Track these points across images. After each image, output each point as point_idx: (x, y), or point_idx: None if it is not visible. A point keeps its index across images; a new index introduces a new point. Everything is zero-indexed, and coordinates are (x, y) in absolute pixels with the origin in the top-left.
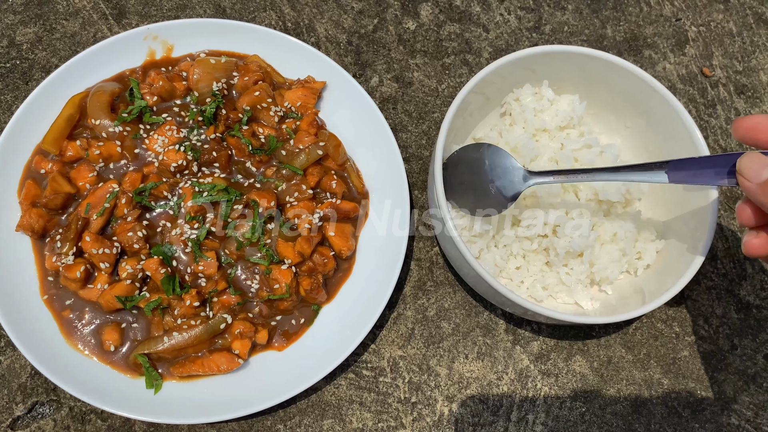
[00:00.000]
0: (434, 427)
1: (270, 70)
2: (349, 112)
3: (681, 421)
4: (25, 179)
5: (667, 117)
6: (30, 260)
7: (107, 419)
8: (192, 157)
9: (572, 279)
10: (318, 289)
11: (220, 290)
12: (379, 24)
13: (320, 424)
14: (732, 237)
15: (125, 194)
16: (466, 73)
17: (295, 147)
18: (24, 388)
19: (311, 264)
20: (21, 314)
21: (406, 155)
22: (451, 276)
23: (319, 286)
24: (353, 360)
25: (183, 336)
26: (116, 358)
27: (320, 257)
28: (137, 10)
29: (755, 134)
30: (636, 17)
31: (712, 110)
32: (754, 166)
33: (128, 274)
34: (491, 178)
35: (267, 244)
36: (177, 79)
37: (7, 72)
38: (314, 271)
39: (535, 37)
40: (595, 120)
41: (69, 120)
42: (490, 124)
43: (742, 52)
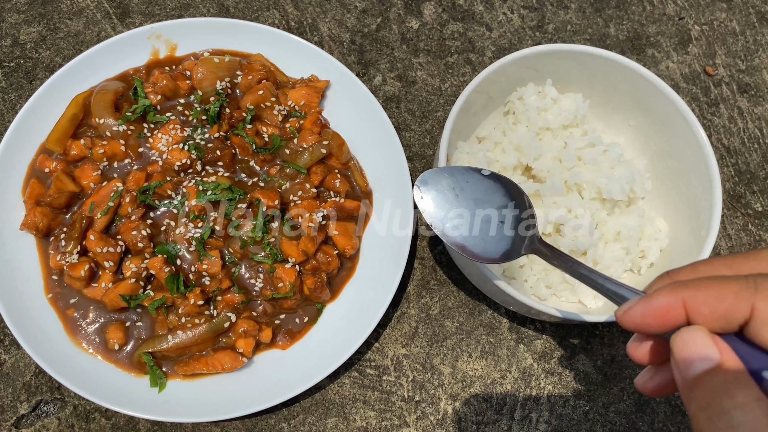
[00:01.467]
0: (438, 425)
1: (273, 69)
2: (353, 111)
3: (684, 419)
4: (29, 178)
5: (670, 116)
6: (34, 259)
7: (111, 418)
8: (196, 155)
9: None
10: (322, 288)
11: (224, 289)
12: (382, 23)
13: (324, 423)
14: (735, 236)
15: (129, 193)
16: (469, 72)
17: (298, 146)
18: (28, 386)
19: (315, 263)
20: (25, 313)
21: (410, 154)
22: (454, 275)
23: (323, 284)
24: (357, 358)
25: (187, 335)
26: (120, 357)
27: (324, 256)
28: (141, 9)
29: (645, 330)
30: (639, 16)
31: (715, 109)
32: (687, 352)
33: (132, 272)
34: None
35: (271, 242)
36: (181, 78)
37: (11, 71)
38: (318, 270)
39: (538, 36)
40: (599, 119)
41: (73, 119)
42: (493, 123)
43: (745, 51)
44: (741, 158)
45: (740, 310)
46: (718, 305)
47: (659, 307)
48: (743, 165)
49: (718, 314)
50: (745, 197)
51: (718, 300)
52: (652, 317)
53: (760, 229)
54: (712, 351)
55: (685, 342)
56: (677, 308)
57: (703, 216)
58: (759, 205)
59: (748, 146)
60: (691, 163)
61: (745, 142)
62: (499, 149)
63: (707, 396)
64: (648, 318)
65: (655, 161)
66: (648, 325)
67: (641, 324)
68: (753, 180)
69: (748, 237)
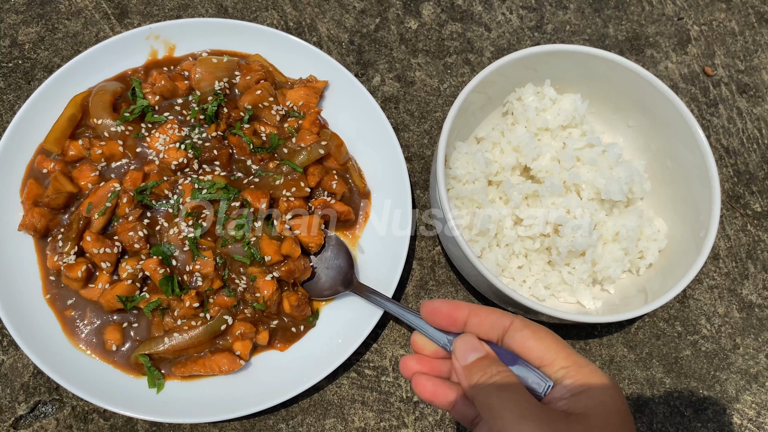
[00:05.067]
0: (436, 426)
1: (272, 70)
2: (351, 112)
3: (683, 420)
4: (27, 179)
5: (669, 116)
6: (32, 260)
7: (109, 418)
8: (193, 155)
9: (574, 278)
10: (304, 306)
11: (215, 289)
12: (381, 23)
13: (322, 424)
14: (734, 236)
15: (126, 194)
16: (468, 73)
17: (296, 145)
18: (27, 387)
19: (291, 266)
20: (23, 313)
21: (408, 155)
22: (452, 275)
23: (306, 302)
24: (355, 359)
25: (183, 337)
26: (118, 358)
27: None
28: (139, 10)
29: (434, 317)
30: (638, 16)
31: (714, 109)
32: (465, 347)
33: (129, 274)
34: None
35: (251, 242)
36: (179, 78)
37: (10, 72)
38: (292, 274)
39: (537, 36)
40: (598, 119)
41: (71, 119)
42: (492, 124)
43: (744, 51)
44: (740, 159)
45: (503, 323)
46: (491, 317)
47: (452, 306)
48: (742, 165)
49: (489, 323)
50: (744, 198)
51: (491, 314)
52: (446, 312)
53: (759, 229)
54: (481, 347)
55: (465, 341)
56: (464, 313)
57: (702, 216)
58: (758, 205)
59: (747, 147)
60: (690, 164)
61: (744, 143)
62: (498, 150)
63: (478, 374)
64: (444, 309)
65: (654, 162)
66: (439, 313)
67: (435, 311)
68: (752, 180)
69: (746, 237)
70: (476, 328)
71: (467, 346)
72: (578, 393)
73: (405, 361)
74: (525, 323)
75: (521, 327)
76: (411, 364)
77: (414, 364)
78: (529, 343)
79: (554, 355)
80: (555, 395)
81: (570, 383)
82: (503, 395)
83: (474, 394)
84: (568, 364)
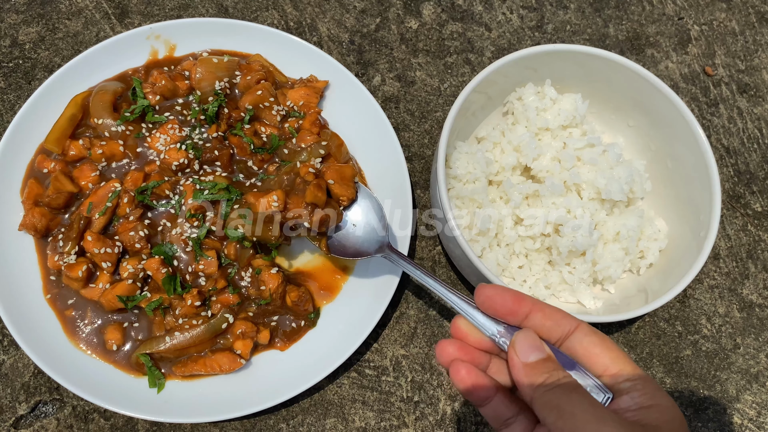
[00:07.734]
0: (437, 426)
1: (272, 70)
2: (352, 112)
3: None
4: (27, 178)
5: (669, 116)
6: (33, 259)
7: (110, 418)
8: (193, 155)
9: (575, 278)
10: (306, 302)
11: (219, 289)
12: (381, 23)
13: (323, 423)
14: (735, 236)
15: (127, 193)
16: (468, 72)
17: (297, 145)
18: (27, 387)
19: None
20: (24, 313)
21: (409, 154)
22: (453, 275)
23: (308, 298)
24: (356, 359)
25: (185, 336)
26: (119, 358)
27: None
28: (140, 10)
29: (491, 304)
30: (638, 16)
31: (715, 109)
32: (527, 344)
33: (129, 273)
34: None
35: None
36: (179, 78)
37: (10, 71)
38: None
39: (538, 36)
40: (598, 119)
41: (72, 119)
42: (492, 123)
43: (744, 51)
44: (740, 158)
45: (568, 325)
46: (556, 315)
47: (516, 297)
48: (743, 165)
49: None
50: (745, 197)
51: (556, 312)
52: (509, 301)
53: (759, 229)
54: (543, 347)
55: (527, 337)
56: (527, 306)
57: (702, 216)
58: (758, 205)
59: (748, 146)
60: (690, 164)
61: (744, 143)
62: (498, 149)
63: (542, 376)
64: (508, 298)
65: (655, 162)
66: (499, 301)
67: (494, 298)
68: (752, 180)
69: (747, 237)
70: (538, 325)
71: (530, 343)
72: (648, 407)
73: (443, 345)
74: (592, 329)
75: (589, 333)
76: (450, 350)
77: (454, 351)
78: (596, 351)
79: (621, 366)
80: (621, 406)
81: (638, 396)
82: (574, 397)
83: (537, 395)
84: (636, 378)
